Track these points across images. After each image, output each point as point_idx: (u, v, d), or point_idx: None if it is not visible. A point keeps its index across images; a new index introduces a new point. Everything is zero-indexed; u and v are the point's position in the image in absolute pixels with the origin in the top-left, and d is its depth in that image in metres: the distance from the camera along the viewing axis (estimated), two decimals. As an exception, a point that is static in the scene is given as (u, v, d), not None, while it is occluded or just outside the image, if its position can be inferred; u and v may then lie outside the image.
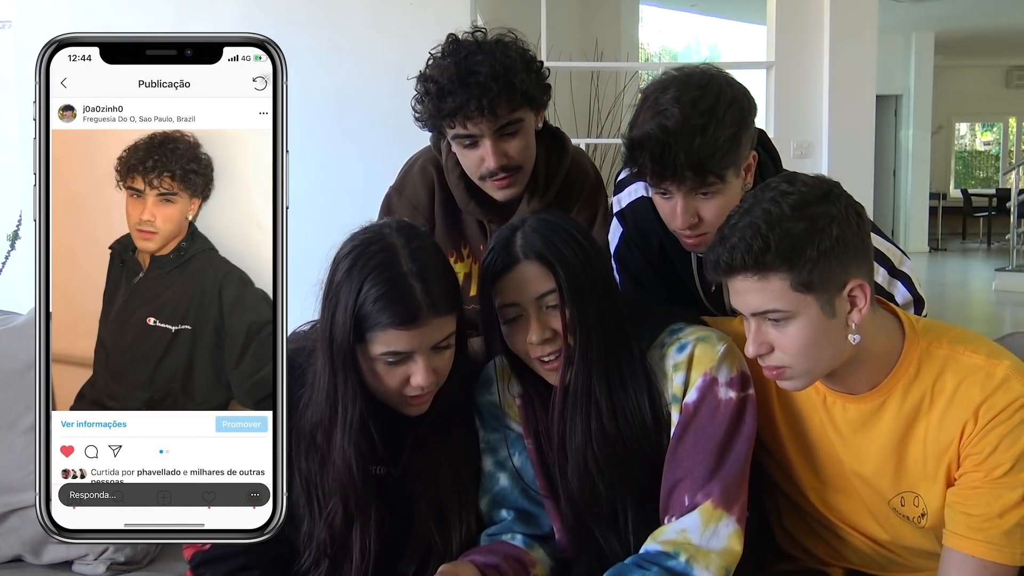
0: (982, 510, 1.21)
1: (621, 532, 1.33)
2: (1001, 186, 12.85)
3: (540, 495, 1.35)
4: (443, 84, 1.47)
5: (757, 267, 1.17)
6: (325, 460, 1.25)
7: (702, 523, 1.23)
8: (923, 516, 1.29)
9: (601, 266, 1.31)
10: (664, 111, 1.35)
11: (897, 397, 1.27)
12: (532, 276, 1.27)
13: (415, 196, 1.67)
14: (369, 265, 1.20)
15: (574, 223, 1.35)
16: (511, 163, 1.54)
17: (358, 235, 1.26)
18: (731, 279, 1.21)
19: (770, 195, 1.19)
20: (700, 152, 1.33)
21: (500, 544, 1.31)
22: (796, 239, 1.15)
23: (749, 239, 1.17)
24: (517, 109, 1.51)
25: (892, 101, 11.22)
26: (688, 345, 1.31)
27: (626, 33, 6.46)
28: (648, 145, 1.35)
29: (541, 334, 1.27)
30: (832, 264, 1.16)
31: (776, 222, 1.16)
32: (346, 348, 1.20)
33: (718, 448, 1.26)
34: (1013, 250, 8.90)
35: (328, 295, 1.23)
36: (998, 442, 1.20)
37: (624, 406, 1.29)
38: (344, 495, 1.24)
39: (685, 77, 1.39)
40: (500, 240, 1.31)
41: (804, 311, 1.18)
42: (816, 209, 1.17)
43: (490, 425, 1.38)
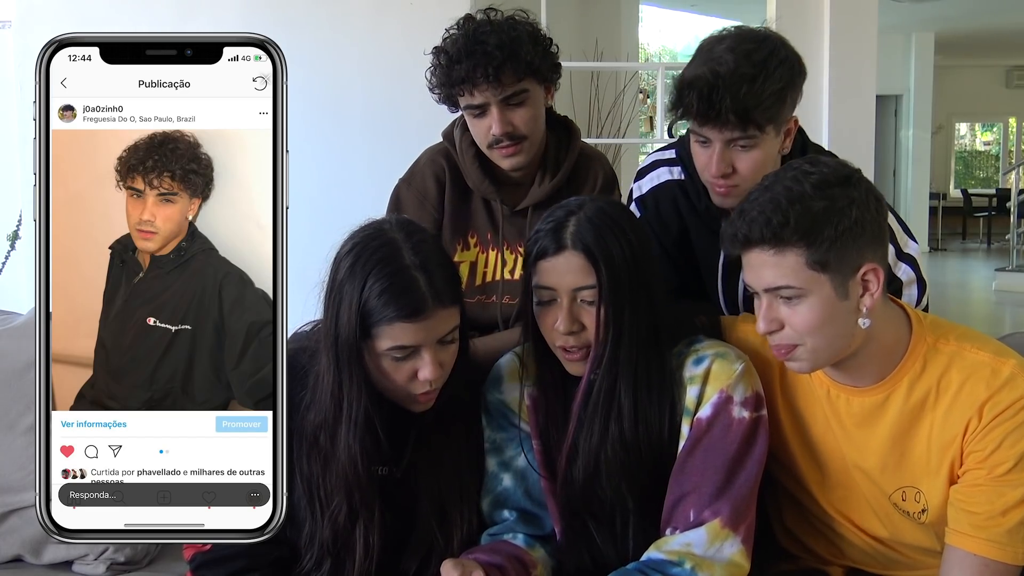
0: (984, 508, 1.21)
1: (619, 537, 1.33)
2: (1001, 186, 12.84)
3: (543, 495, 1.35)
4: (452, 54, 1.56)
5: (775, 241, 1.18)
6: (328, 459, 1.24)
7: (708, 540, 1.23)
8: (924, 512, 1.29)
9: (648, 269, 1.30)
10: (718, 58, 1.40)
11: (902, 391, 1.27)
12: (574, 267, 1.26)
13: (423, 186, 1.70)
14: (372, 260, 1.21)
15: (632, 220, 1.34)
16: (516, 132, 1.59)
17: (358, 233, 1.26)
18: (747, 252, 1.22)
19: (792, 174, 1.21)
20: (746, 100, 1.38)
21: (502, 544, 1.31)
22: (815, 217, 1.17)
23: (769, 213, 1.18)
24: (522, 79, 1.57)
25: (892, 101, 11.21)
26: (706, 359, 1.30)
27: (626, 33, 6.46)
28: (697, 86, 1.39)
29: (569, 325, 1.27)
30: (848, 246, 1.18)
31: (797, 199, 1.17)
32: (352, 345, 1.20)
33: (728, 466, 1.25)
34: (1013, 250, 8.90)
35: (331, 294, 1.23)
36: (1001, 439, 1.20)
37: (647, 413, 1.29)
38: (348, 492, 1.24)
39: (743, 32, 1.45)
40: (553, 220, 1.29)
41: (817, 290, 1.19)
42: (837, 190, 1.18)
43: (497, 424, 1.38)
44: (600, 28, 5.79)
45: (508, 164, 1.63)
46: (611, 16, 6.30)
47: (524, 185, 1.69)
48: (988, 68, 13.69)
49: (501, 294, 1.70)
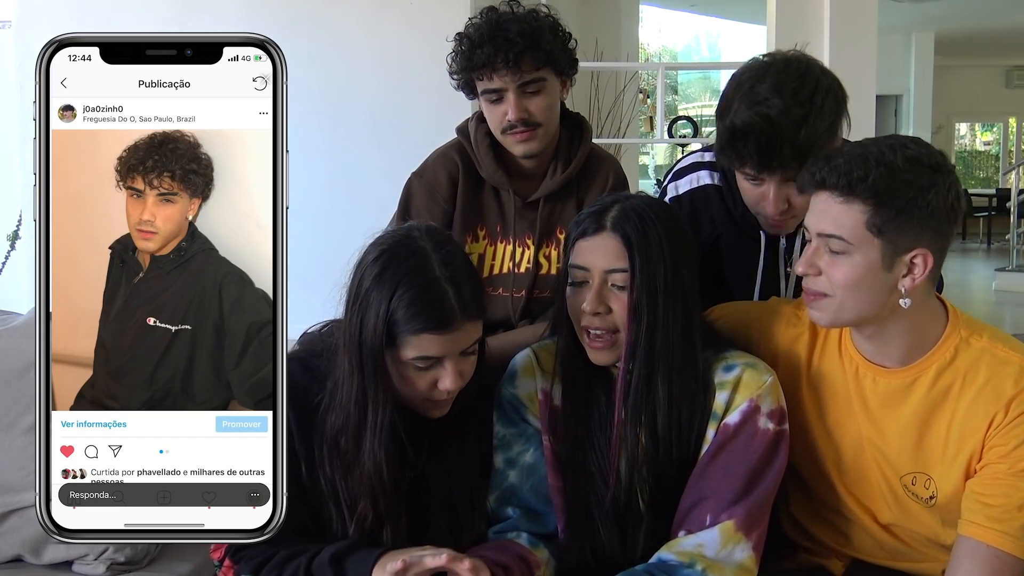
0: (1001, 501, 1.23)
1: (629, 535, 1.33)
2: (1001, 186, 12.84)
3: (549, 492, 1.34)
4: (475, 39, 1.60)
5: (848, 189, 1.21)
6: (352, 464, 1.24)
7: (720, 542, 1.23)
8: (932, 499, 1.31)
9: (686, 269, 1.30)
10: (764, 101, 1.39)
11: (929, 377, 1.29)
12: (609, 249, 1.28)
13: (434, 180, 1.73)
14: (402, 270, 1.21)
15: (675, 221, 1.34)
16: (531, 118, 1.62)
17: (385, 239, 1.26)
18: (817, 193, 1.25)
19: (890, 142, 1.24)
20: (804, 142, 1.38)
21: (508, 543, 1.31)
22: (895, 183, 1.19)
23: (854, 165, 1.21)
24: (541, 68, 1.60)
25: (892, 101, 11.21)
26: (736, 368, 1.32)
27: (626, 33, 6.46)
28: (753, 135, 1.39)
29: (595, 306, 1.27)
30: (912, 224, 1.20)
31: (886, 163, 1.20)
32: (377, 353, 1.21)
33: (749, 474, 1.26)
34: (1013, 250, 8.90)
35: (356, 300, 1.23)
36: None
37: (680, 410, 1.29)
38: (374, 498, 1.24)
39: (782, 66, 1.43)
40: (599, 204, 1.32)
41: (865, 251, 1.22)
42: (925, 171, 1.21)
43: (508, 418, 1.38)
44: (600, 28, 5.79)
45: (521, 150, 1.65)
46: (611, 16, 6.30)
47: (536, 177, 1.72)
48: (988, 68, 13.68)
49: (509, 287, 1.72)
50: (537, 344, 1.43)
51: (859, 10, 4.89)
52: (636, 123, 6.78)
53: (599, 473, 1.33)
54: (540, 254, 1.72)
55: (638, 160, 7.88)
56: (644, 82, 8.24)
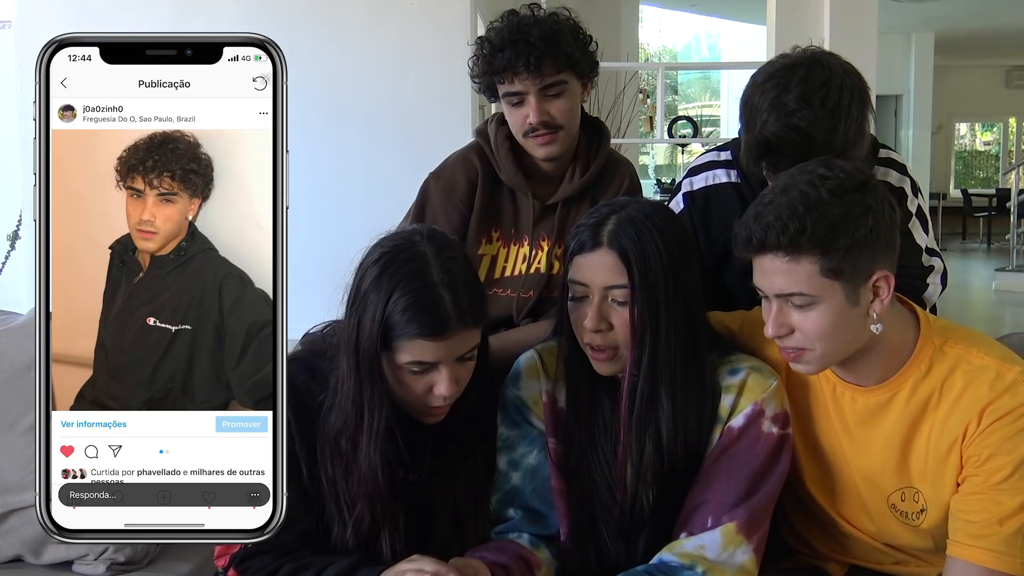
0: (981, 516, 1.20)
1: (632, 539, 1.33)
2: (1001, 186, 12.84)
3: (552, 494, 1.34)
4: (496, 43, 1.61)
5: (791, 248, 1.17)
6: (350, 465, 1.24)
7: (721, 544, 1.23)
8: (923, 512, 1.29)
9: (687, 274, 1.29)
10: (793, 111, 1.40)
11: (906, 392, 1.27)
12: (607, 265, 1.26)
13: (452, 180, 1.73)
14: (399, 273, 1.20)
15: (674, 223, 1.34)
16: (552, 121, 1.63)
17: (387, 241, 1.25)
18: (760, 257, 1.21)
19: (807, 178, 1.19)
20: (837, 149, 1.38)
21: (507, 543, 1.31)
22: (832, 224, 1.15)
23: (786, 219, 1.16)
24: (562, 71, 1.61)
25: (892, 101, 11.21)
26: (741, 371, 1.31)
27: (626, 33, 6.47)
28: (788, 149, 1.39)
29: (596, 323, 1.27)
30: (863, 254, 1.17)
31: (814, 205, 1.16)
32: (372, 355, 1.20)
33: (751, 478, 1.26)
34: (1013, 250, 8.90)
35: (355, 301, 1.22)
36: (999, 445, 1.20)
37: (686, 419, 1.28)
38: (370, 500, 1.24)
39: (805, 73, 1.42)
40: (595, 217, 1.30)
41: (829, 297, 1.18)
42: (854, 197, 1.17)
43: (512, 420, 1.38)
44: (600, 28, 5.78)
45: (542, 153, 1.66)
46: (611, 16, 6.30)
47: (555, 180, 1.72)
48: (988, 68, 13.69)
49: (518, 288, 1.72)
50: (541, 345, 1.43)
51: (859, 10, 4.89)
52: (636, 123, 6.78)
53: (604, 482, 1.32)
54: (554, 255, 1.71)
55: (638, 160, 7.88)
56: (644, 82, 8.24)
